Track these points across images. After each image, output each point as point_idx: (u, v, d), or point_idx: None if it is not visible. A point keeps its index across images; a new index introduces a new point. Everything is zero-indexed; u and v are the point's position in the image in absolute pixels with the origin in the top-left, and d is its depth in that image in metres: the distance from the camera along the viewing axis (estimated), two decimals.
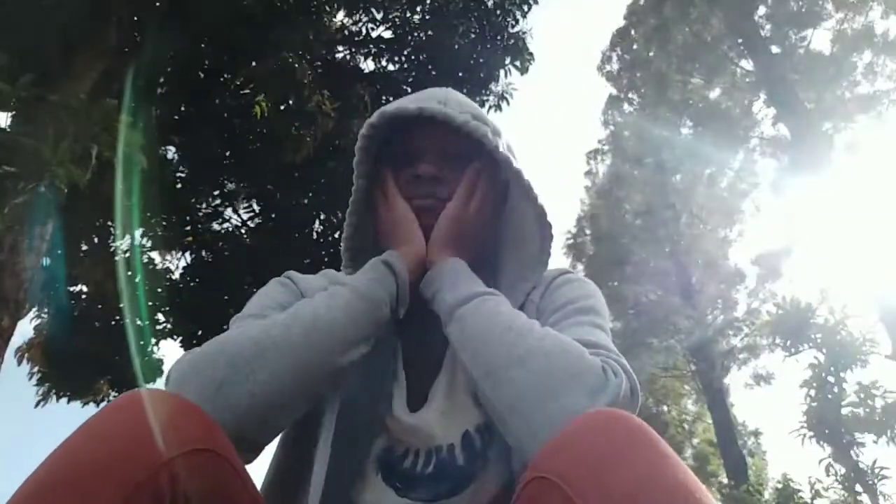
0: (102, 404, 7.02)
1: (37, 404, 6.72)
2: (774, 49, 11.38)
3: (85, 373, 6.79)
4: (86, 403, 6.97)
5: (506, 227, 0.93)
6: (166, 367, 6.97)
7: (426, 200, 0.85)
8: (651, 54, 14.09)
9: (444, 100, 0.87)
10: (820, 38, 11.65)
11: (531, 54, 7.39)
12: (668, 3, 12.41)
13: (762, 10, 11.64)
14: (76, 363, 6.66)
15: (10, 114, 3.83)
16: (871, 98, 11.19)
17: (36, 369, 6.70)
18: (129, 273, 6.57)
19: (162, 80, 6.57)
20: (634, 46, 15.72)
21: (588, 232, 16.29)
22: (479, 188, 0.87)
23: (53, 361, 6.70)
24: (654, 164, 14.32)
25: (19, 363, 6.55)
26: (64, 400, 6.87)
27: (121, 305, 6.43)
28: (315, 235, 7.20)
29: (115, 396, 7.42)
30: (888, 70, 11.16)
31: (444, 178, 0.85)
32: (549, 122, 59.04)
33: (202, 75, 6.68)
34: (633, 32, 15.81)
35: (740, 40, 11.70)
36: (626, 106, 16.65)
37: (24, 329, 7.00)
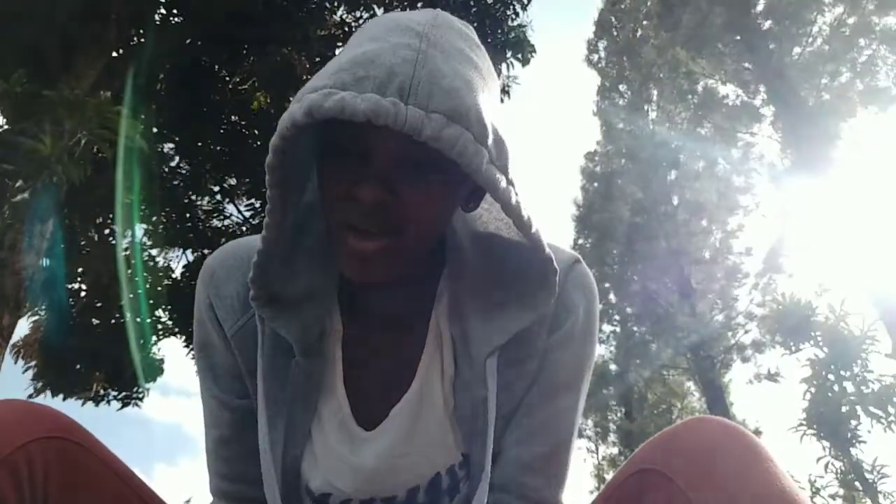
0: (100, 402, 7.03)
1: (29, 398, 6.70)
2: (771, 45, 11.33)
3: (80, 370, 6.78)
4: (82, 400, 6.95)
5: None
6: (166, 366, 6.99)
7: (367, 244, 0.59)
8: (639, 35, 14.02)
9: (411, 78, 0.53)
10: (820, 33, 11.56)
11: (532, 46, 7.36)
12: None
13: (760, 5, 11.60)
14: (72, 360, 6.64)
15: (8, 111, 3.82)
16: (872, 93, 11.14)
17: (32, 364, 6.68)
18: (130, 270, 6.56)
19: (162, 76, 6.56)
20: (617, 36, 15.69)
21: (585, 228, 16.25)
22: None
23: (49, 358, 6.69)
24: (650, 158, 14.28)
25: (15, 360, 6.54)
26: (59, 397, 6.85)
27: (121, 303, 6.43)
28: None
29: (108, 393, 7.35)
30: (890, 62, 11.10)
31: (398, 200, 0.58)
32: (548, 114, 58.95)
33: (202, 72, 6.66)
34: (613, 20, 15.79)
35: (738, 36, 11.65)
36: (617, 98, 16.60)
37: (20, 325, 6.97)
